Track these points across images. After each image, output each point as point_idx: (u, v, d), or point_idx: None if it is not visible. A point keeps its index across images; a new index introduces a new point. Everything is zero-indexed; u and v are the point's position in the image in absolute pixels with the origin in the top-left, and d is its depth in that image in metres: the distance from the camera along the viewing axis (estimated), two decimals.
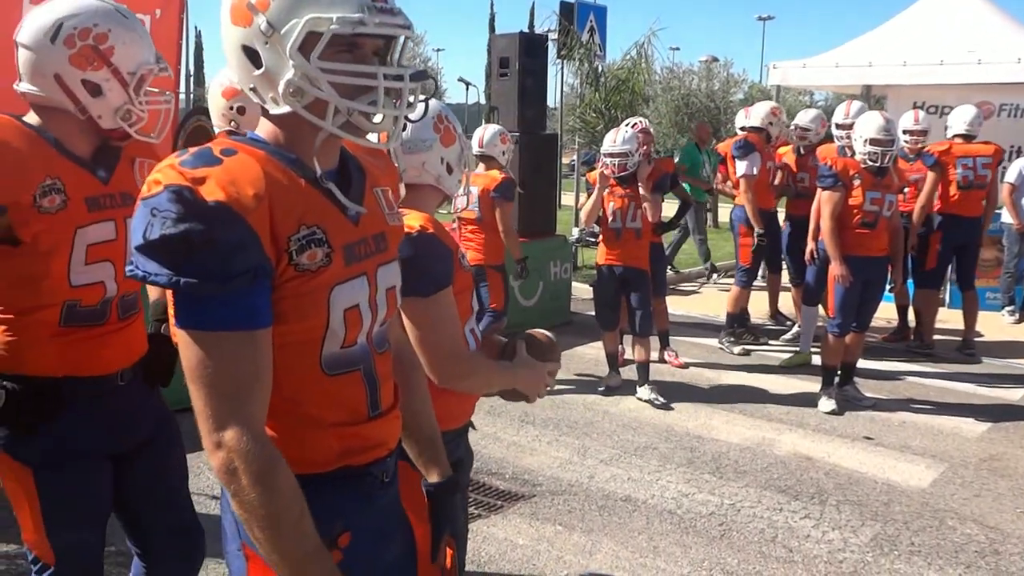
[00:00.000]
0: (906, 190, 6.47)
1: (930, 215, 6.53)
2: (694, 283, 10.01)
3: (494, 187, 5.24)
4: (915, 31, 9.06)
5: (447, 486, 1.66)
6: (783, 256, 6.99)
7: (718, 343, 6.88)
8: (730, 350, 6.75)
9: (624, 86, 10.81)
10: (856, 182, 5.17)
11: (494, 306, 5.30)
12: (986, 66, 8.04)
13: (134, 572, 2.27)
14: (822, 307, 6.03)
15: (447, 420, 1.95)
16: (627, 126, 5.64)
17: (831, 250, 5.23)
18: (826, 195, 5.28)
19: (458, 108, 15.50)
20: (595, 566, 3.42)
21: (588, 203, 5.59)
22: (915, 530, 3.81)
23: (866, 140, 5.13)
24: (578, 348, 6.71)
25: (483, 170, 5.37)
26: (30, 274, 1.93)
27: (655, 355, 6.04)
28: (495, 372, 1.95)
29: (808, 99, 25.31)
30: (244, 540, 1.31)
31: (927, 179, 6.41)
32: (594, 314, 5.93)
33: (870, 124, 5.14)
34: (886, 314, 6.85)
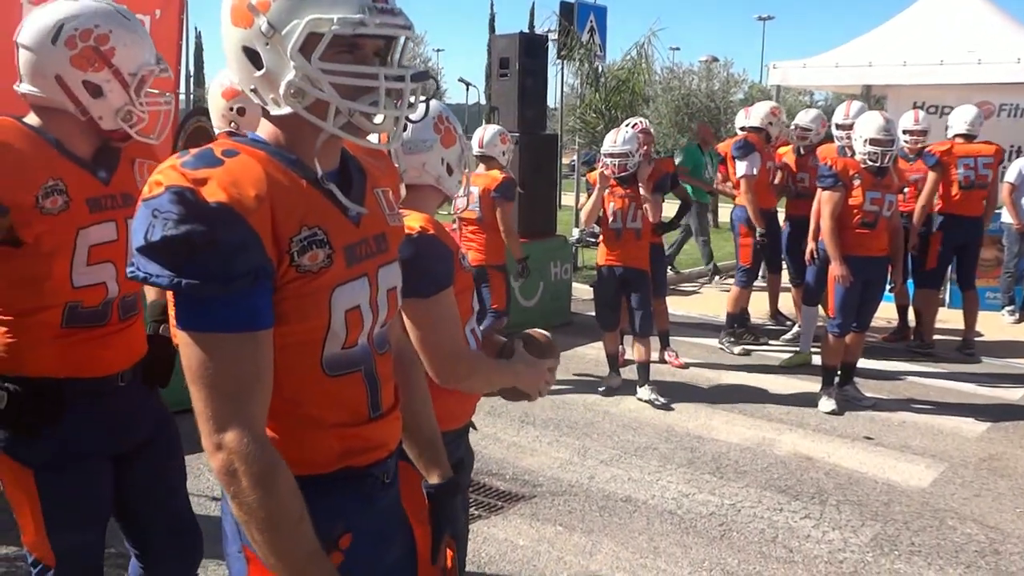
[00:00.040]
0: (906, 190, 6.47)
1: (930, 215, 6.53)
2: (694, 283, 10.01)
3: (495, 187, 5.24)
4: (915, 31, 9.07)
5: (448, 487, 1.65)
6: (783, 256, 6.99)
7: (718, 343, 6.88)
8: (730, 350, 6.75)
9: (624, 86, 10.81)
10: (856, 182, 5.17)
11: (496, 306, 5.30)
12: (986, 66, 8.05)
13: (132, 573, 2.27)
14: (822, 307, 6.03)
15: (448, 420, 1.95)
16: (627, 126, 5.64)
17: (831, 250, 5.23)
18: (826, 195, 5.28)
19: (458, 108, 15.48)
20: (595, 567, 3.42)
21: (588, 203, 5.58)
22: (915, 530, 3.81)
23: (866, 140, 5.13)
24: (578, 348, 6.71)
25: (483, 170, 5.37)
26: (32, 275, 1.93)
27: (655, 355, 6.03)
28: (496, 371, 1.95)
29: (808, 99, 25.31)
30: (245, 542, 1.31)
31: (928, 179, 6.40)
32: (594, 314, 5.93)
33: (870, 124, 5.14)
34: (886, 314, 6.85)
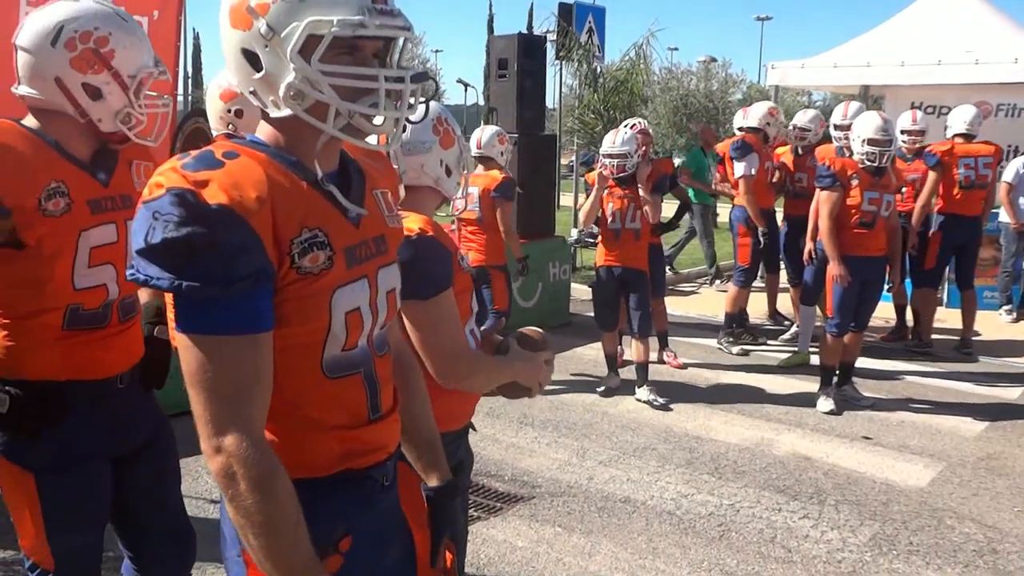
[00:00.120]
0: (903, 190, 6.48)
1: (928, 214, 6.54)
2: (693, 283, 10.02)
3: (495, 187, 5.24)
4: (913, 31, 9.08)
5: (447, 490, 1.63)
6: (781, 256, 7.00)
7: (717, 343, 6.88)
8: (729, 350, 6.76)
9: (623, 87, 10.83)
10: (854, 182, 5.18)
11: (498, 307, 5.30)
12: (984, 66, 8.06)
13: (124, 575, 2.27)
14: (820, 307, 6.03)
15: (447, 421, 1.95)
16: (626, 127, 5.65)
17: (829, 250, 5.23)
18: (824, 195, 5.29)
19: (457, 109, 15.48)
20: (594, 567, 3.42)
21: (586, 204, 5.58)
22: (913, 529, 3.82)
23: (864, 140, 5.14)
24: (577, 349, 6.71)
25: (482, 171, 5.37)
26: (34, 278, 1.93)
27: (654, 356, 6.04)
28: (495, 368, 1.97)
29: (806, 99, 25.36)
30: (244, 546, 1.30)
31: (928, 179, 6.41)
32: (593, 315, 5.93)
33: (868, 124, 5.15)
34: (884, 314, 6.86)
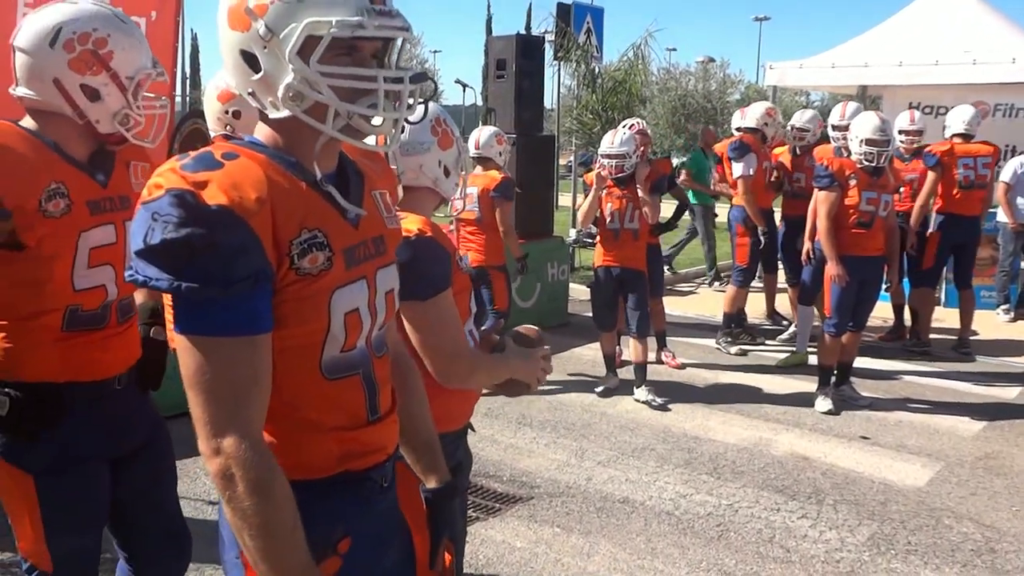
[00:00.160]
0: (901, 190, 6.49)
1: (926, 214, 6.55)
2: (691, 284, 10.02)
3: (494, 187, 5.24)
4: (911, 32, 9.09)
5: (446, 491, 1.62)
6: (779, 256, 7.00)
7: (715, 343, 6.89)
8: (727, 350, 6.76)
9: (621, 87, 10.83)
10: (852, 182, 5.18)
11: (498, 307, 5.30)
12: (981, 66, 8.07)
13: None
14: (818, 307, 6.04)
15: (447, 422, 1.95)
16: (624, 127, 5.65)
17: (827, 250, 5.24)
18: (822, 195, 5.29)
19: (455, 110, 15.49)
20: (593, 568, 3.42)
21: (585, 204, 5.59)
22: (912, 529, 3.82)
23: (862, 140, 5.15)
24: (575, 349, 6.71)
25: (481, 171, 5.37)
26: (33, 279, 1.93)
27: (652, 356, 6.04)
28: (494, 367, 1.97)
29: (804, 99, 25.39)
30: (242, 548, 1.31)
31: (928, 179, 6.42)
32: (591, 315, 5.93)
33: (866, 124, 5.16)
34: (882, 313, 6.87)
